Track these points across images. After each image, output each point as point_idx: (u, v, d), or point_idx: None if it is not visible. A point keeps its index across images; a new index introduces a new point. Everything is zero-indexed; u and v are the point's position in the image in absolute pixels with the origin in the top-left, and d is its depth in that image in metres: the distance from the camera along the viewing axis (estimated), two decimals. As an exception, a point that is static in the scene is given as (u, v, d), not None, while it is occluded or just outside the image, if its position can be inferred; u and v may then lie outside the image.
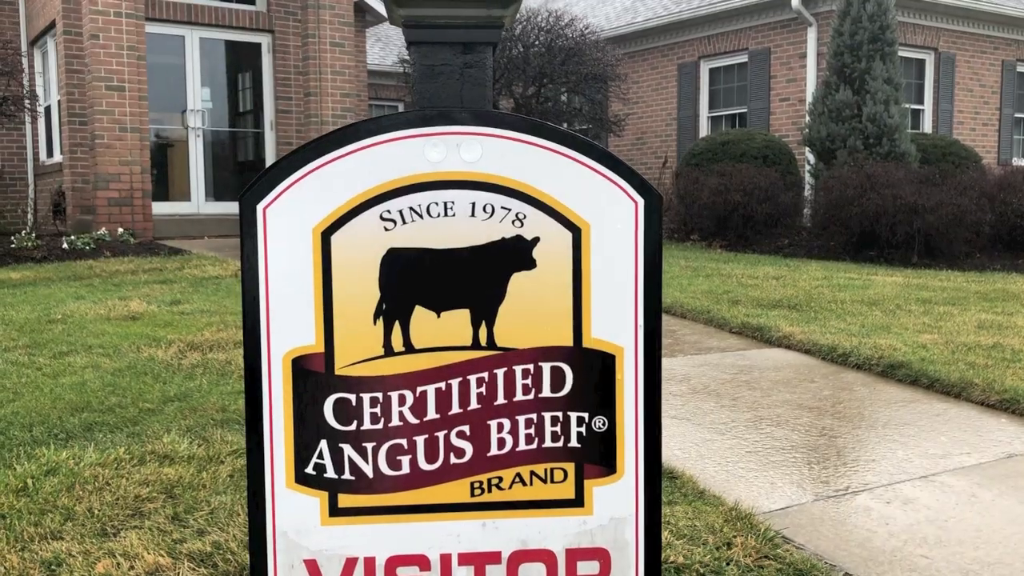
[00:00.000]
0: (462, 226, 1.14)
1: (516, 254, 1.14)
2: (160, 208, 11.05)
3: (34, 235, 9.02)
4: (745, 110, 13.61)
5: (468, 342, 1.17)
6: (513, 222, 1.14)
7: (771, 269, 7.95)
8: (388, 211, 1.13)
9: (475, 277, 1.15)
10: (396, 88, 18.05)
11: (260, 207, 1.12)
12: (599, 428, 1.18)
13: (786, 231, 10.30)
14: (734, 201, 9.94)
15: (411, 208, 1.13)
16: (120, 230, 9.59)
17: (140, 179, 10.24)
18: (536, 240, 1.15)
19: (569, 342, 1.17)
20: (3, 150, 12.72)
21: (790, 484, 3.06)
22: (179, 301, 5.92)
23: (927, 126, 13.53)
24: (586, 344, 1.16)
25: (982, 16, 13.61)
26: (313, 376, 1.15)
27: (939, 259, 8.92)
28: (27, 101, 10.03)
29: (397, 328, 1.15)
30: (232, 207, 12.34)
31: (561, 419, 1.18)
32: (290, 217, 1.11)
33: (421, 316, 1.16)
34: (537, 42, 12.73)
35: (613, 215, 1.15)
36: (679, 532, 2.50)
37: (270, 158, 12.69)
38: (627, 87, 14.37)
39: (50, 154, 12.46)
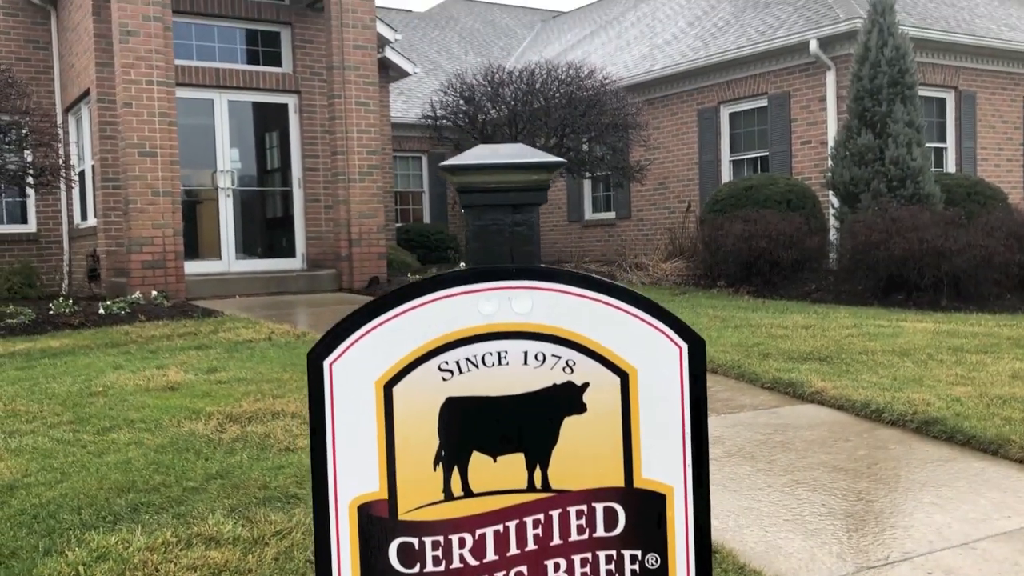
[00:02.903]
0: (515, 374, 1.21)
1: (567, 400, 1.20)
2: (191, 267, 11.24)
3: (71, 300, 9.20)
4: (767, 153, 13.68)
5: (524, 485, 1.23)
6: (564, 369, 1.21)
7: (800, 317, 7.94)
8: (446, 362, 1.20)
9: (529, 422, 1.21)
10: (419, 140, 18.32)
11: (326, 363, 1.19)
12: (652, 565, 1.23)
13: (813, 275, 10.30)
14: (759, 247, 9.97)
15: (467, 359, 1.20)
16: (154, 292, 9.76)
17: (173, 241, 10.45)
18: (586, 386, 1.21)
19: (620, 483, 1.22)
20: (39, 214, 13.03)
21: (830, 555, 3.07)
22: (215, 369, 6.02)
23: (950, 164, 13.52)
24: (637, 484, 1.22)
25: (1000, 53, 13.66)
26: (378, 522, 1.21)
27: (968, 302, 8.87)
28: (63, 171, 10.29)
29: (456, 473, 1.22)
30: (261, 264, 12.54)
31: (615, 557, 1.23)
32: (354, 372, 1.18)
33: (478, 461, 1.23)
34: (558, 95, 12.92)
35: (658, 360, 1.21)
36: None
37: (298, 215, 12.90)
38: (648, 134, 14.51)
39: (84, 217, 12.75)
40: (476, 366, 1.21)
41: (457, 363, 1.20)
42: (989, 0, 15.57)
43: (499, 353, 1.21)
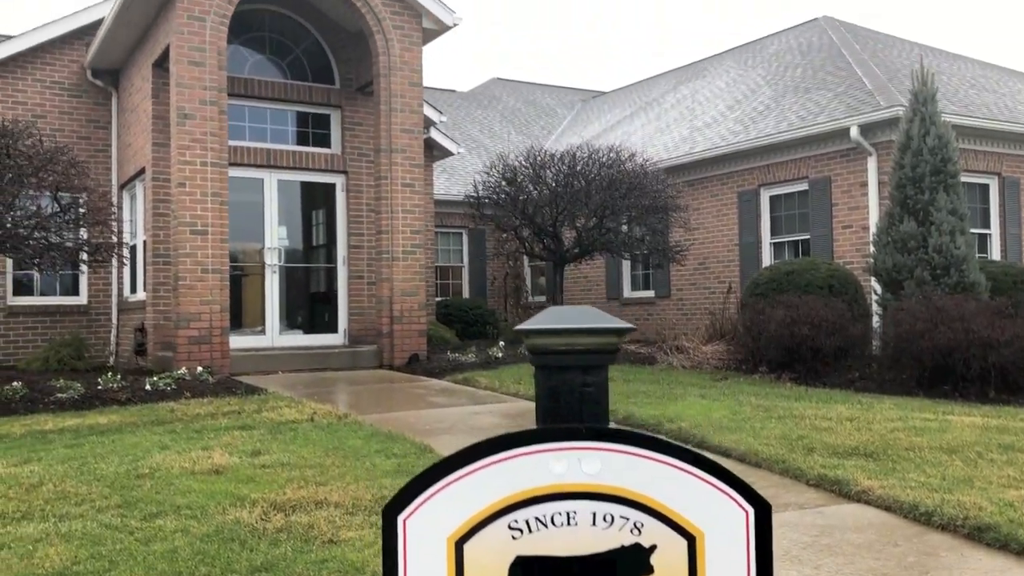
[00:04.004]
0: (584, 534, 1.24)
1: (635, 562, 1.23)
2: (235, 342, 11.42)
3: (119, 375, 9.38)
4: (808, 236, 13.68)
5: (591, 648, 1.25)
6: (632, 531, 1.24)
7: (844, 408, 7.84)
8: (516, 521, 1.24)
9: (597, 582, 1.24)
10: (460, 216, 18.62)
11: (400, 519, 1.23)
12: None
13: (856, 363, 10.18)
14: (802, 334, 9.91)
15: (537, 518, 1.24)
16: (199, 368, 9.92)
17: (219, 317, 10.65)
18: (653, 548, 1.24)
19: (688, 644, 1.24)
20: (91, 286, 13.38)
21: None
22: (259, 452, 6.08)
23: (995, 251, 13.41)
24: (703, 645, 1.23)
25: (1044, 140, 13.65)
26: (448, 673, 1.23)
27: (1017, 394, 8.70)
28: (117, 249, 10.60)
29: (525, 632, 1.24)
30: (304, 339, 12.70)
31: None
32: (427, 528, 1.23)
33: (545, 618, 1.25)
34: (599, 177, 13.10)
35: (725, 523, 1.23)
36: None
37: (341, 292, 13.10)
38: (688, 215, 14.60)
39: (134, 290, 13.06)
40: (545, 526, 1.24)
41: (527, 522, 1.24)
42: (1031, 87, 15.62)
43: (568, 513, 1.24)
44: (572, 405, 1.24)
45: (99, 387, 8.89)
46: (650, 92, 22.01)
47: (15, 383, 8.83)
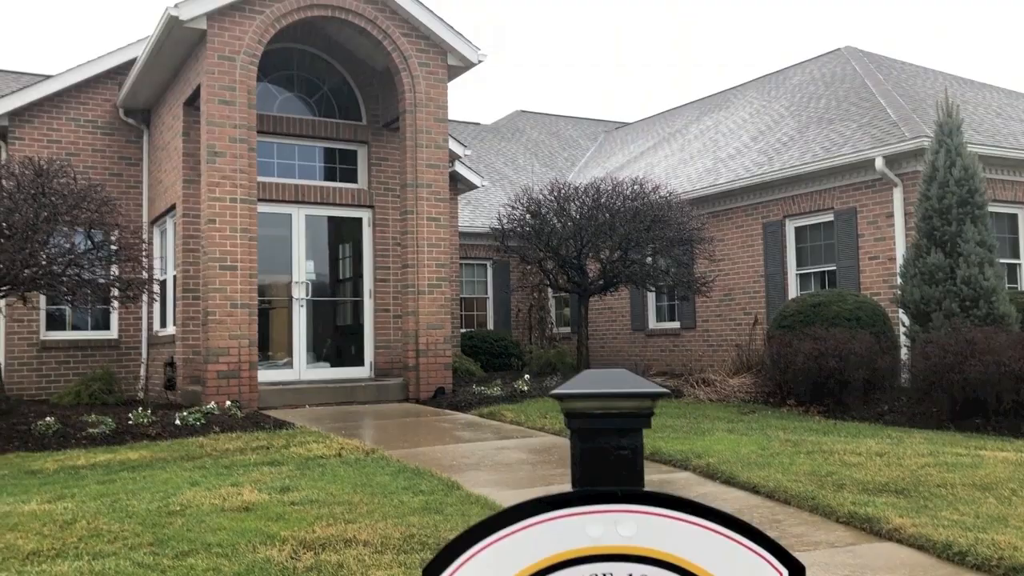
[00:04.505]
0: (619, 598, 1.26)
1: (670, 622, 1.25)
2: (263, 375, 11.52)
3: (149, 410, 9.48)
4: (834, 267, 13.62)
5: None
6: (667, 593, 1.26)
7: (874, 443, 7.77)
8: (553, 583, 1.27)
9: (633, 645, 1.26)
10: (485, 248, 18.73)
11: (439, 581, 1.27)
12: None
13: (884, 395, 10.10)
14: (829, 366, 9.85)
15: (572, 581, 1.27)
16: (228, 402, 10.01)
17: (248, 352, 10.76)
18: (689, 608, 1.26)
19: None
20: (122, 320, 13.57)
21: None
22: (288, 488, 6.12)
23: (1025, 281, 13.28)
24: None
25: (1072, 170, 13.53)
26: None
27: (1052, 428, 8.58)
28: (148, 285, 10.77)
29: None
30: (331, 372, 12.79)
31: None
32: (464, 592, 1.26)
33: None
34: (623, 209, 13.15)
35: (759, 585, 1.25)
36: None
37: (368, 325, 13.19)
38: (713, 247, 14.60)
39: (163, 325, 13.22)
40: (582, 587, 1.27)
41: (564, 584, 1.27)
42: (1058, 115, 15.52)
43: (605, 576, 1.27)
44: (607, 468, 1.27)
45: (130, 422, 9.00)
46: (673, 123, 22.10)
47: (48, 418, 8.96)
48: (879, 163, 12.40)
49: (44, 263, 9.34)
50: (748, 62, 66.20)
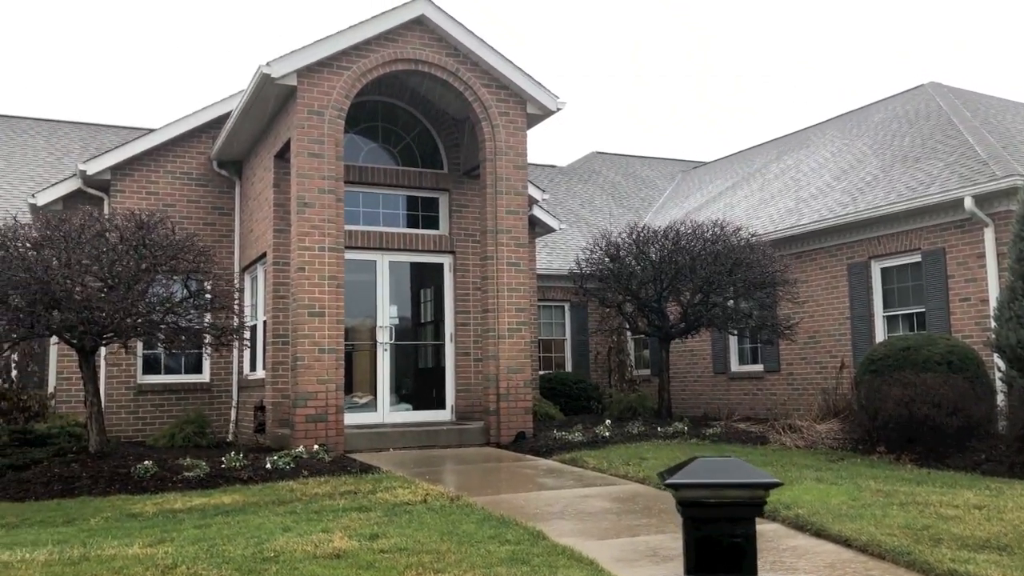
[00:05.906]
0: None
1: None
2: (348, 418, 11.75)
3: (240, 454, 9.76)
4: (923, 309, 13.27)
5: None
6: None
7: (971, 495, 7.51)
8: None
9: None
10: (562, 290, 18.81)
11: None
12: None
13: (981, 444, 9.75)
14: (921, 413, 9.57)
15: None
16: (315, 446, 10.24)
17: (335, 396, 11.01)
18: None
19: None
20: (214, 364, 14.03)
21: None
22: (377, 535, 6.23)
23: None
24: None
25: None
26: None
27: None
28: (238, 332, 11.14)
29: None
30: (413, 416, 12.96)
31: None
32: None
33: None
34: (703, 252, 13.09)
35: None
36: None
37: (449, 369, 13.36)
38: (796, 289, 14.38)
39: (253, 368, 13.62)
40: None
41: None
42: None
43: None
44: (720, 555, 1.32)
45: (223, 465, 9.28)
46: (752, 162, 21.93)
47: (146, 461, 9.31)
48: (968, 203, 12.10)
49: (144, 312, 9.76)
50: (826, 101, 65.22)
